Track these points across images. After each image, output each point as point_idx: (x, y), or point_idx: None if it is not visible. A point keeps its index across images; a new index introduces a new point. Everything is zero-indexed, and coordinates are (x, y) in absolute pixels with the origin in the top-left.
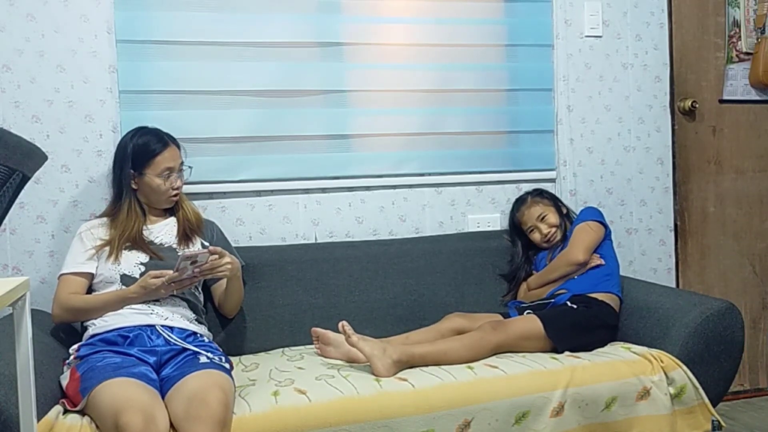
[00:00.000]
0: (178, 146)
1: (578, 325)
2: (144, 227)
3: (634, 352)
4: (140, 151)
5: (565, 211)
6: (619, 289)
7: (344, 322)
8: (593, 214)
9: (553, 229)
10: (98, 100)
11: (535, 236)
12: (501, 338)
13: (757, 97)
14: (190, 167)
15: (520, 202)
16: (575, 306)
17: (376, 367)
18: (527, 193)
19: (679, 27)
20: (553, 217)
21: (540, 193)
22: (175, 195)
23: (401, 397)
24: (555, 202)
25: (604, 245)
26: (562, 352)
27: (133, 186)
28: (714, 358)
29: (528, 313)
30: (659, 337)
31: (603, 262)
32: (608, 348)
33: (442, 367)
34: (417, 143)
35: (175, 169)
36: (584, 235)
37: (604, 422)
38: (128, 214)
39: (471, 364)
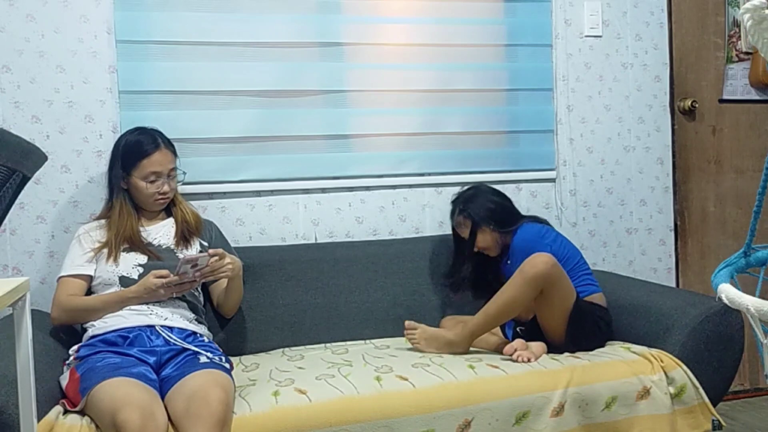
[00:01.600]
0: (172, 150)
1: (574, 321)
2: (141, 228)
3: (634, 352)
4: (129, 152)
5: (490, 226)
6: (592, 280)
7: (407, 323)
8: (517, 260)
9: (484, 251)
10: (98, 100)
11: None
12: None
13: (757, 97)
14: (184, 172)
15: (451, 217)
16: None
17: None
18: (453, 206)
19: (679, 27)
20: (480, 239)
21: (461, 212)
22: (162, 199)
23: (401, 397)
24: (483, 217)
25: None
26: (558, 348)
27: (123, 186)
28: (714, 358)
29: (521, 329)
30: (659, 337)
31: None
32: (608, 348)
33: (443, 366)
34: (417, 143)
35: (163, 174)
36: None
37: (605, 422)
38: (120, 215)
39: (472, 364)
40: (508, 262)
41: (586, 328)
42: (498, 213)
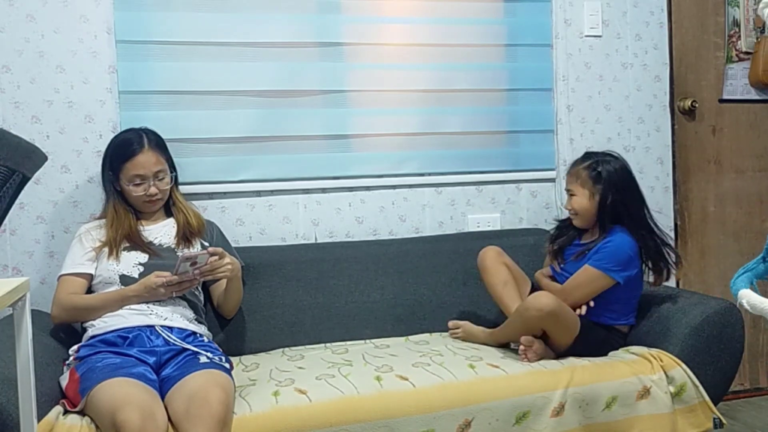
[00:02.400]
0: (161, 151)
1: (590, 345)
2: (141, 228)
3: (633, 353)
4: (114, 155)
5: (618, 212)
6: (632, 315)
7: (451, 323)
8: (606, 262)
9: (573, 212)
10: (98, 100)
11: None
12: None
13: (757, 97)
14: (174, 174)
15: (573, 163)
16: (597, 330)
17: None
18: (583, 156)
19: (679, 26)
20: (578, 201)
21: (593, 167)
22: (151, 202)
23: (401, 397)
24: (604, 188)
25: (621, 290)
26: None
27: (117, 188)
28: (714, 358)
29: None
30: (660, 337)
31: (583, 311)
32: None
33: (443, 366)
34: (417, 143)
35: (148, 177)
36: (578, 289)
37: (605, 422)
38: (117, 215)
39: (473, 363)
40: (587, 252)
41: (590, 349)
42: (620, 195)
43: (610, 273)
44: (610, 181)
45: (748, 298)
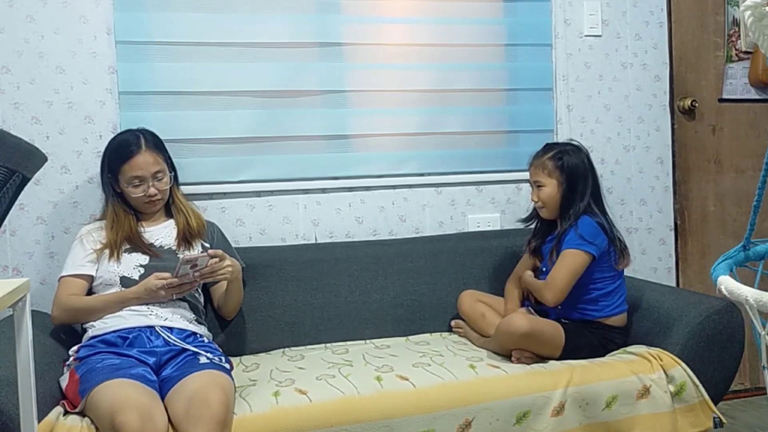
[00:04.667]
0: (159, 151)
1: (594, 353)
2: (142, 229)
3: (632, 352)
4: (112, 157)
5: (583, 200)
6: (623, 302)
7: (454, 323)
8: (577, 240)
9: (540, 204)
10: (98, 101)
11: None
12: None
13: (757, 96)
14: (173, 173)
15: (535, 154)
16: (593, 332)
17: None
18: (545, 148)
19: (679, 26)
20: (546, 191)
21: (557, 156)
22: (151, 202)
23: (402, 397)
24: (570, 177)
25: (596, 271)
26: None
27: (117, 189)
28: (715, 357)
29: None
30: (660, 337)
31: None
32: None
33: (443, 366)
34: (417, 143)
35: (146, 178)
36: (561, 273)
37: (606, 421)
38: (117, 216)
39: (473, 363)
40: (560, 243)
41: (588, 353)
42: (582, 183)
43: (582, 248)
44: (574, 170)
45: (726, 284)
